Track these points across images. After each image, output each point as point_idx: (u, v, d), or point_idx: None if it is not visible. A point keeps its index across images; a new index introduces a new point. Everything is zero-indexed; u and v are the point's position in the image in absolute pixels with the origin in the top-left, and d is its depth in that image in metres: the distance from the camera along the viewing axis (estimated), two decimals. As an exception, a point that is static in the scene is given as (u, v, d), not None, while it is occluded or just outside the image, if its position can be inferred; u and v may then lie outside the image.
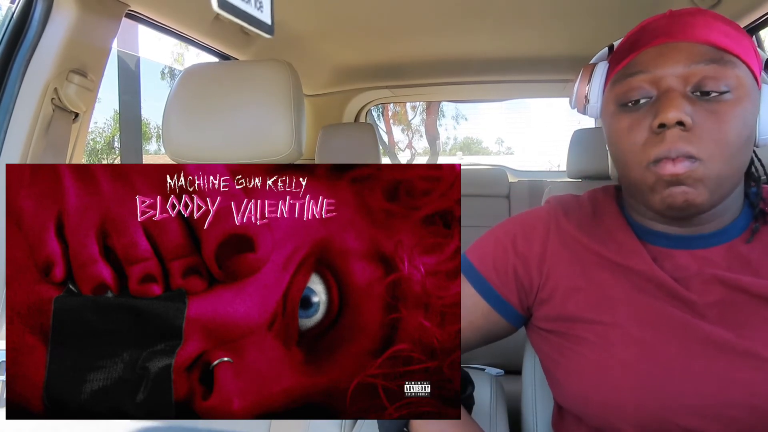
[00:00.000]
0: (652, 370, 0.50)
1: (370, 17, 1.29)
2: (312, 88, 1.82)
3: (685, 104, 0.48)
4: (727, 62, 0.49)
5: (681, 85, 0.50)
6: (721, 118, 0.48)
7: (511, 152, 12.86)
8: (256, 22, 0.40)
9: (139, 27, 1.07)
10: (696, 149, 0.48)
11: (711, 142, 0.48)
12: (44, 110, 0.86)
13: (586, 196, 0.63)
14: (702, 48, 0.50)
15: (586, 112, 0.60)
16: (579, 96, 0.60)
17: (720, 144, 0.48)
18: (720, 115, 0.48)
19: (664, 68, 0.50)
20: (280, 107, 0.77)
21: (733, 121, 0.48)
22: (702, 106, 0.49)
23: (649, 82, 0.51)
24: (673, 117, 0.47)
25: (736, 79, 0.49)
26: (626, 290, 0.54)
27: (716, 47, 0.50)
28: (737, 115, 0.49)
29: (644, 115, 0.51)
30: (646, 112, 0.51)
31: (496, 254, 0.61)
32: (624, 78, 0.53)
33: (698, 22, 0.51)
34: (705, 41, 0.50)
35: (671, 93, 0.49)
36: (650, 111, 0.50)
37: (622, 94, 0.53)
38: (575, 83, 0.60)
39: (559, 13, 1.25)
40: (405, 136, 10.37)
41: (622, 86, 0.53)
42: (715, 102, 0.49)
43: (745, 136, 0.49)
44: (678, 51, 0.50)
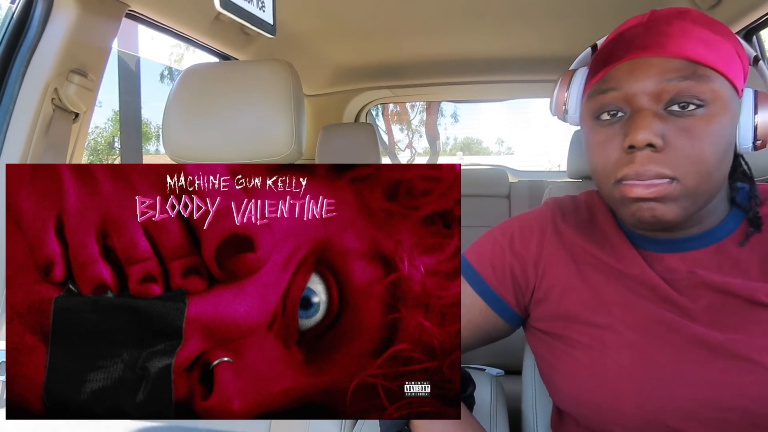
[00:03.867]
0: (646, 374, 0.50)
1: (370, 17, 1.29)
2: (312, 88, 1.82)
3: (657, 124, 0.47)
4: (701, 77, 0.47)
5: (653, 104, 0.48)
6: (694, 136, 0.47)
7: (511, 152, 12.86)
8: (259, 21, 0.40)
9: (139, 27, 1.07)
10: (670, 169, 0.47)
11: (685, 160, 0.47)
12: (44, 110, 0.86)
13: (582, 198, 0.63)
14: (675, 63, 0.48)
15: (566, 121, 0.59)
16: (558, 105, 0.59)
17: (694, 162, 0.47)
18: (694, 132, 0.47)
19: (636, 85, 0.49)
20: (280, 107, 0.77)
21: (708, 137, 0.47)
22: (675, 123, 0.48)
23: (621, 99, 0.50)
24: (642, 139, 0.46)
25: (711, 94, 0.47)
26: (620, 293, 0.54)
27: (690, 61, 0.48)
28: (712, 131, 0.47)
29: (616, 133, 0.50)
30: (619, 129, 0.50)
31: (494, 254, 0.61)
32: (597, 93, 0.52)
33: (675, 31, 0.49)
34: (678, 55, 0.48)
35: (642, 113, 0.48)
36: (622, 129, 0.49)
37: (596, 108, 0.52)
38: (554, 90, 0.59)
39: (559, 13, 1.25)
40: (405, 135, 10.37)
41: (596, 101, 0.52)
42: (689, 118, 0.47)
43: (722, 150, 0.48)
44: (649, 67, 0.48)
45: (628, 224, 0.52)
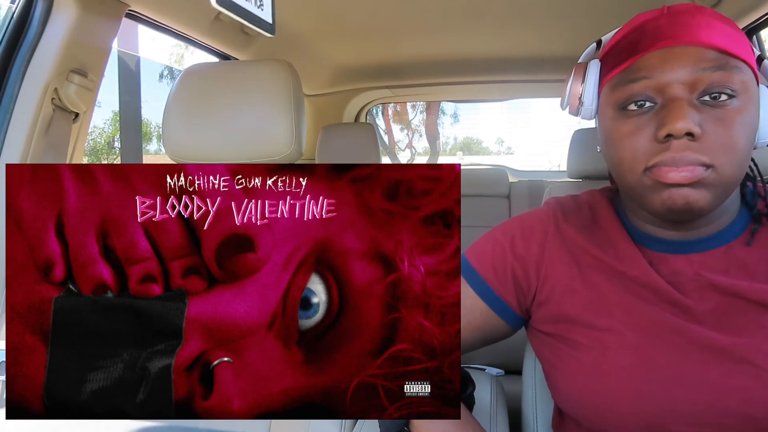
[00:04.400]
0: (647, 376, 0.50)
1: (370, 17, 1.29)
2: (312, 88, 1.82)
3: (693, 113, 0.47)
4: (733, 67, 0.48)
5: (687, 93, 0.48)
6: (729, 125, 0.47)
7: (511, 152, 12.85)
8: (257, 20, 0.39)
9: (139, 27, 1.07)
10: (708, 156, 0.47)
11: (720, 150, 0.47)
12: (44, 110, 0.86)
13: (584, 198, 0.63)
14: (708, 53, 0.48)
15: (579, 114, 0.58)
16: (572, 97, 0.57)
17: (729, 151, 0.47)
18: (727, 122, 0.47)
19: (670, 75, 0.48)
20: (280, 107, 0.77)
21: (741, 127, 0.47)
22: (709, 113, 0.47)
23: (653, 88, 0.49)
24: (682, 128, 0.46)
25: (741, 85, 0.48)
26: (622, 295, 0.53)
27: (722, 51, 0.48)
28: (744, 121, 0.48)
29: (647, 123, 0.49)
30: (650, 119, 0.49)
31: (495, 255, 0.61)
32: (625, 83, 0.51)
33: (699, 23, 0.49)
34: (710, 45, 0.48)
35: (678, 102, 0.47)
36: (654, 119, 0.49)
37: (623, 99, 0.51)
38: (567, 83, 0.58)
39: (559, 13, 1.25)
40: (405, 135, 10.37)
41: (623, 91, 0.51)
42: (722, 109, 0.47)
43: (751, 140, 0.49)
44: (684, 56, 0.48)
45: (655, 213, 0.50)
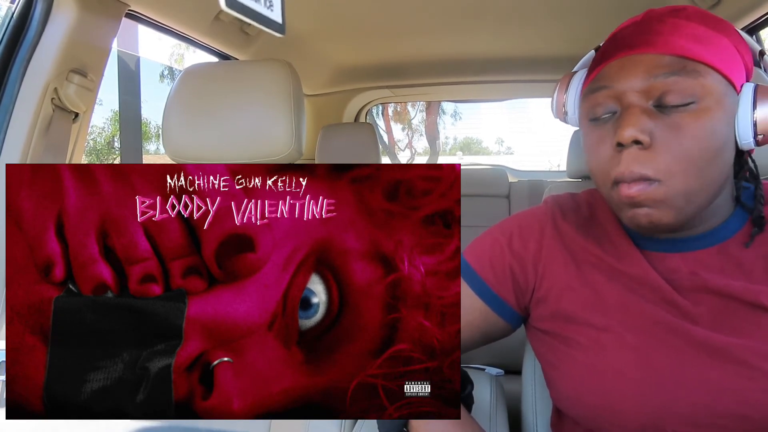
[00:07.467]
0: (644, 376, 0.50)
1: (370, 17, 1.29)
2: (312, 88, 1.82)
3: (645, 120, 0.47)
4: (691, 72, 0.47)
5: (642, 100, 0.48)
6: (683, 132, 0.47)
7: (511, 152, 12.86)
8: (267, 21, 0.39)
9: (139, 27, 1.07)
10: (652, 170, 0.47)
11: (671, 159, 0.47)
12: (44, 110, 0.86)
13: (582, 197, 0.63)
14: (663, 59, 0.48)
15: (567, 122, 0.60)
16: (557, 106, 0.60)
17: (681, 160, 0.47)
18: (682, 128, 0.47)
19: (625, 83, 0.49)
20: (280, 107, 0.77)
21: (697, 133, 0.47)
22: (663, 120, 0.47)
23: (612, 97, 0.50)
24: (629, 136, 0.47)
25: (701, 89, 0.47)
26: (620, 293, 0.53)
27: (679, 57, 0.48)
28: (702, 126, 0.47)
29: (608, 132, 0.50)
30: (611, 128, 0.50)
31: (493, 254, 0.61)
32: (591, 92, 0.52)
33: (665, 29, 0.49)
34: (665, 51, 0.48)
35: (631, 109, 0.48)
36: (613, 127, 0.50)
37: (590, 108, 0.52)
38: (554, 93, 0.60)
39: (558, 13, 1.25)
40: (405, 135, 10.37)
41: (589, 101, 0.52)
42: (678, 114, 0.47)
43: (713, 147, 0.48)
44: (638, 64, 0.49)
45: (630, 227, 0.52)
